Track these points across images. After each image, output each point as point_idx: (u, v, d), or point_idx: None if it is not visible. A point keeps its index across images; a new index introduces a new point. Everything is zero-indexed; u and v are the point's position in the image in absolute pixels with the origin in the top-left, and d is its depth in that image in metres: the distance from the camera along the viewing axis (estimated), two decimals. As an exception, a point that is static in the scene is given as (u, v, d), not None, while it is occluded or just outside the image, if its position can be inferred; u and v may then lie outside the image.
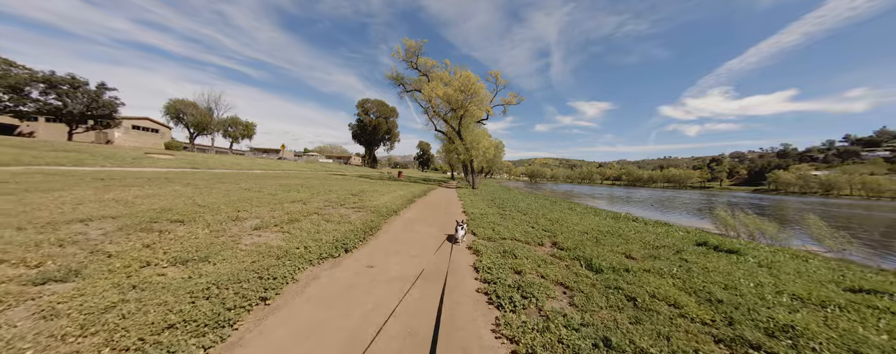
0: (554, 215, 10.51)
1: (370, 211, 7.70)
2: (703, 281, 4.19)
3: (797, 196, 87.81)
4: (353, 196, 10.90)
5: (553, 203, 18.34)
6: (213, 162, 24.69)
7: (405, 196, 12.77)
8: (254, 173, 21.09)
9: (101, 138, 50.42)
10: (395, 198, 11.22)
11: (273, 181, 15.03)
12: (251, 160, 38.25)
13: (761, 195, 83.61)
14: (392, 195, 12.60)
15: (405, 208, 9.81)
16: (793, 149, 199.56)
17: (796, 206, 35.14)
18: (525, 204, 14.15)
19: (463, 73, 25.61)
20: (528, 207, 12.79)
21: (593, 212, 13.71)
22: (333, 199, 9.42)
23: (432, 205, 11.19)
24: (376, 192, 13.23)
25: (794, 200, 54.02)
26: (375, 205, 8.76)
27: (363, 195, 11.53)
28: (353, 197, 10.32)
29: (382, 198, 10.74)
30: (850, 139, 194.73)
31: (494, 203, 14.06)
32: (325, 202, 8.73)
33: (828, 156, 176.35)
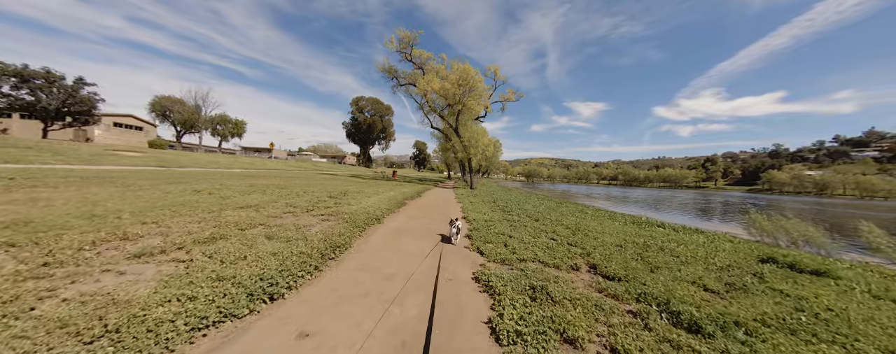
0: (570, 221, 8.81)
1: (343, 220, 5.92)
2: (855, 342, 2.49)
3: (791, 195, 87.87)
4: (330, 198, 9.09)
5: (559, 204, 16.69)
6: (186, 160, 22.57)
7: (394, 198, 10.99)
8: (230, 172, 19.08)
9: (81, 136, 47.67)
10: (381, 201, 9.43)
11: (243, 181, 13.09)
12: (234, 159, 36.04)
13: (756, 195, 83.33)
14: (379, 197, 10.81)
15: (392, 213, 8.04)
16: (784, 150, 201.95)
17: (795, 206, 34.13)
18: (532, 207, 12.46)
19: (460, 66, 23.87)
20: (536, 210, 11.09)
21: (609, 216, 12.06)
22: (302, 203, 7.59)
23: (426, 209, 9.44)
24: (361, 194, 11.42)
25: (790, 200, 53.38)
26: (353, 211, 6.96)
27: (343, 197, 9.71)
28: (330, 200, 8.51)
29: (366, 202, 8.95)
30: (840, 139, 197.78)
31: (497, 205, 12.34)
32: (287, 207, 6.90)
33: (819, 156, 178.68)
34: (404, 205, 9.52)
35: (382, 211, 7.58)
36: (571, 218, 9.45)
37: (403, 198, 10.89)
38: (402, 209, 8.87)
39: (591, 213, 12.59)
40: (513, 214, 9.49)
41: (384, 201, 9.40)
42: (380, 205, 8.33)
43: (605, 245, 5.86)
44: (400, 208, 8.77)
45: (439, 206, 10.17)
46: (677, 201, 36.45)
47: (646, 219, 11.13)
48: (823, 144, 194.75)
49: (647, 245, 6.23)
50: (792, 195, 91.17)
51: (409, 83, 26.40)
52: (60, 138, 42.51)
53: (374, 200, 9.39)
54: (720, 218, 19.18)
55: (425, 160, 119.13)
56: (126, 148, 23.74)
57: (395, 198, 10.58)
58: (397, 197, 11.02)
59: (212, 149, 70.95)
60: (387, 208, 8.14)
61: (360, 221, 5.94)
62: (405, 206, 9.42)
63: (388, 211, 7.92)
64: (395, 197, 10.88)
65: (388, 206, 8.48)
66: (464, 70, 23.80)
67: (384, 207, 8.16)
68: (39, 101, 37.58)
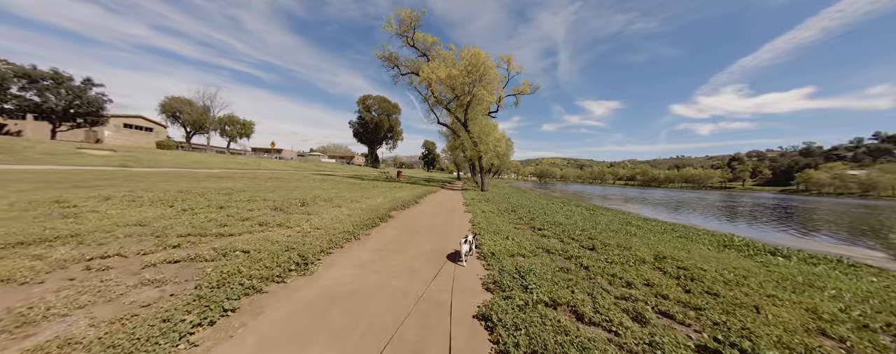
0: (641, 248, 5.66)
1: (278, 250, 3.01)
2: None
3: (832, 197, 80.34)
4: (300, 205, 6.27)
5: (593, 211, 13.38)
6: (167, 160, 20.35)
7: (383, 205, 8.10)
8: (207, 173, 16.62)
9: (91, 137, 47.53)
10: (363, 212, 6.57)
11: (209, 184, 10.45)
12: (228, 159, 34.10)
13: (793, 196, 76.44)
14: (366, 203, 7.97)
15: (371, 229, 5.21)
16: (817, 148, 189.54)
17: (856, 211, 29.25)
18: (565, 218, 9.30)
19: (470, 50, 20.78)
20: (574, 225, 7.96)
21: (678, 233, 8.75)
22: (240, 215, 4.78)
23: (414, 229, 6.49)
24: (343, 200, 8.59)
25: (836, 202, 47.63)
26: (305, 230, 4.15)
27: (315, 205, 6.88)
28: (297, 208, 5.69)
29: (327, 215, 6.06)
30: (881, 136, 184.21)
31: (518, 216, 9.27)
32: (198, 227, 4.07)
33: (857, 154, 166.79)
34: (385, 221, 6.46)
35: (357, 224, 4.74)
36: (637, 242, 6.26)
37: (390, 208, 7.91)
38: (379, 229, 5.76)
39: (648, 229, 9.31)
40: (548, 235, 6.36)
41: (367, 211, 6.47)
42: (358, 217, 5.45)
43: (777, 322, 2.70)
44: (373, 228, 5.69)
45: (441, 215, 7.04)
46: (722, 206, 32.20)
47: (742, 240, 7.76)
48: (862, 142, 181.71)
49: (820, 311, 3.03)
50: (833, 196, 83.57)
51: (411, 72, 23.46)
52: (70, 139, 41.92)
53: (355, 209, 6.46)
54: (803, 230, 14.97)
55: (434, 160, 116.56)
56: (99, 147, 21.77)
57: (380, 208, 7.64)
58: (383, 206, 8.08)
59: (221, 149, 70.35)
60: (365, 221, 5.25)
61: (304, 251, 3.02)
62: (386, 223, 6.33)
63: (364, 225, 5.02)
64: (380, 207, 7.93)
65: (369, 218, 5.57)
66: (474, 55, 20.72)
67: (363, 219, 5.30)
68: (46, 102, 36.94)
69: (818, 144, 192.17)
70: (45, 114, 37.98)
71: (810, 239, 11.88)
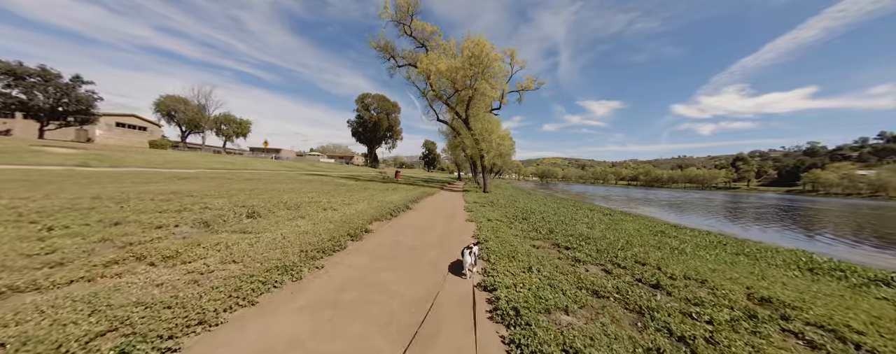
0: (707, 272, 3.96)
1: None
2: None
3: (840, 197, 78.34)
4: (245, 218, 4.58)
5: (609, 216, 11.65)
6: (139, 159, 18.63)
7: (363, 214, 6.41)
8: (179, 173, 14.91)
9: (82, 136, 46.12)
10: (332, 225, 4.90)
11: (160, 187, 8.74)
12: (213, 157, 32.45)
13: (801, 197, 74.46)
14: (344, 211, 6.31)
15: (331, 255, 3.56)
16: (822, 148, 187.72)
17: (890, 214, 27.39)
18: (587, 227, 7.58)
19: (473, 39, 19.05)
20: (597, 234, 6.25)
21: (742, 252, 7.03)
22: (128, 237, 3.08)
23: (411, 235, 4.78)
24: (316, 207, 6.90)
25: (850, 204, 45.74)
26: (199, 270, 2.46)
27: (268, 217, 5.20)
28: (235, 222, 4.09)
29: (289, 228, 4.35)
30: (886, 136, 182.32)
31: (529, 222, 7.56)
32: None
33: (863, 154, 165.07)
34: (358, 240, 4.66)
35: (247, 285, 2.71)
36: (702, 268, 4.53)
37: (371, 218, 6.15)
38: (342, 255, 3.87)
39: (691, 242, 7.59)
40: (582, 258, 4.64)
41: (319, 231, 4.70)
42: (279, 252, 3.61)
43: None
44: (335, 253, 3.87)
45: (428, 244, 5.13)
46: (738, 208, 30.42)
47: (827, 261, 5.98)
48: (866, 141, 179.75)
49: None
50: (841, 197, 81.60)
51: (409, 64, 21.72)
52: (60, 138, 40.34)
53: (295, 230, 4.70)
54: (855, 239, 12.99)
55: (435, 160, 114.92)
56: (59, 145, 20.07)
57: (357, 219, 5.91)
58: (364, 215, 6.36)
59: (218, 149, 68.79)
60: (287, 264, 3.26)
61: None
62: (358, 243, 4.54)
63: (274, 278, 2.98)
64: (358, 217, 6.19)
65: (305, 251, 3.66)
66: (477, 45, 18.98)
67: (287, 257, 3.42)
68: (33, 100, 35.48)
69: (822, 144, 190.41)
70: (32, 113, 36.53)
71: (886, 253, 10.09)
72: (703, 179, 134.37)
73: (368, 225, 5.57)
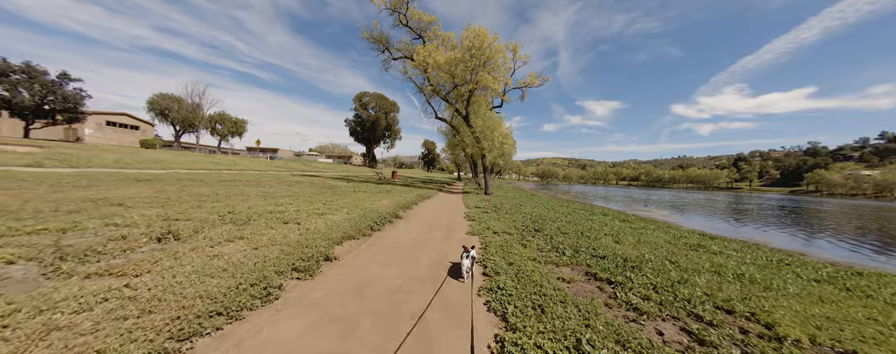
0: (807, 311, 2.51)
1: None
2: None
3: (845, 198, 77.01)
4: (155, 240, 3.06)
5: (628, 223, 10.19)
6: (107, 159, 17.07)
7: (336, 228, 4.92)
8: (144, 174, 13.36)
9: (71, 135, 44.65)
10: (280, 253, 3.45)
11: (97, 193, 7.21)
12: (199, 157, 30.88)
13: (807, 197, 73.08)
14: (309, 226, 4.86)
15: (240, 317, 2.02)
16: (823, 148, 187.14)
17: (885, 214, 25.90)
18: (613, 240, 6.09)
19: (474, 29, 17.56)
20: (633, 252, 4.78)
21: (823, 278, 5.56)
22: None
23: (391, 265, 3.33)
24: (275, 220, 5.42)
25: (861, 205, 44.36)
26: None
27: (191, 239, 3.73)
28: (127, 250, 2.46)
29: (205, 264, 2.88)
30: (888, 136, 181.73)
31: (545, 234, 6.08)
32: None
33: (864, 154, 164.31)
34: (309, 278, 3.15)
35: None
36: (820, 314, 3.06)
37: (343, 236, 4.59)
38: (262, 315, 2.33)
39: (745, 260, 6.12)
40: (638, 305, 3.16)
41: (249, 265, 3.19)
42: (135, 327, 2.13)
43: None
44: (251, 312, 2.31)
45: (417, 277, 3.73)
46: (752, 210, 28.96)
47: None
48: (867, 142, 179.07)
49: None
50: (845, 197, 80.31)
51: (404, 56, 20.19)
52: (47, 137, 38.74)
53: (213, 267, 3.19)
54: None
55: (434, 160, 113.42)
56: (18, 143, 18.48)
57: (321, 239, 4.40)
58: (337, 230, 4.87)
59: (213, 149, 67.21)
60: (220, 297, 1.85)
61: None
62: (307, 283, 3.06)
63: None
64: (325, 235, 4.67)
65: (181, 324, 2.27)
66: (478, 35, 17.49)
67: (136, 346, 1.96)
68: (16, 97, 33.97)
69: (823, 144, 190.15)
70: (17, 111, 35.00)
71: None
72: (704, 179, 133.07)
73: (335, 247, 4.08)
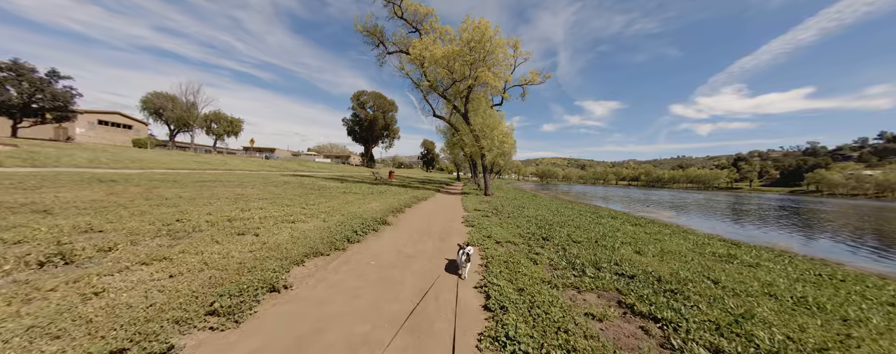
0: None
1: None
2: None
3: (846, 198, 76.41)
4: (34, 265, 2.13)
5: (641, 226, 9.29)
6: (79, 158, 16.05)
7: (301, 240, 3.99)
8: (116, 176, 12.35)
9: (61, 134, 43.53)
10: (183, 292, 2.47)
11: (36, 196, 6.24)
12: (183, 156, 29.84)
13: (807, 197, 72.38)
14: (267, 241, 3.93)
15: None
16: (822, 148, 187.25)
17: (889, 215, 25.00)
18: (632, 249, 5.16)
19: (474, 22, 16.62)
20: (658, 266, 3.86)
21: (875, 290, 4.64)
22: None
23: (354, 302, 2.41)
24: (221, 233, 4.46)
25: (856, 204, 43.63)
26: None
27: (59, 269, 2.74)
28: None
29: (45, 313, 1.95)
30: (886, 136, 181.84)
31: (555, 244, 5.15)
32: None
33: (863, 154, 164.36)
34: (228, 323, 2.18)
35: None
36: None
37: (305, 253, 3.60)
38: None
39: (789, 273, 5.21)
40: (697, 351, 2.24)
41: (155, 305, 2.28)
42: None
43: None
44: None
45: (393, 316, 2.85)
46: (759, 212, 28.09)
47: None
48: (866, 142, 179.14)
49: None
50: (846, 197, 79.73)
51: (400, 50, 19.22)
52: (37, 136, 37.59)
53: (75, 313, 2.25)
54: None
55: (433, 160, 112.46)
56: None
57: (281, 254, 3.46)
58: (300, 244, 3.92)
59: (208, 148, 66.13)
60: None
61: None
62: (225, 332, 2.12)
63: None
64: (289, 248, 3.71)
65: None
66: (478, 28, 16.54)
67: None
68: (3, 95, 32.97)
69: (822, 144, 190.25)
70: (4, 109, 33.98)
71: None
72: (704, 179, 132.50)
73: (293, 269, 3.12)
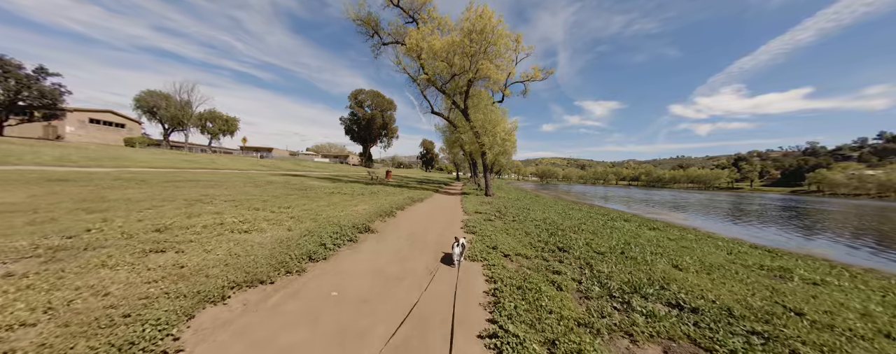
0: None
1: None
2: None
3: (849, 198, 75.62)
4: None
5: (659, 231, 8.25)
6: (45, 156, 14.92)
7: (185, 280, 2.92)
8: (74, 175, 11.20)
9: (50, 132, 42.27)
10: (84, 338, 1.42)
11: None
12: (172, 155, 28.67)
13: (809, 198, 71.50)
14: (191, 257, 2.84)
15: None
16: (822, 148, 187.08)
17: None
18: (674, 268, 4.12)
19: (476, 9, 15.52)
20: (709, 287, 2.83)
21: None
22: None
23: None
24: (130, 253, 3.41)
25: (861, 204, 42.75)
26: None
27: None
28: None
29: None
30: (886, 136, 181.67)
31: (572, 255, 4.09)
32: None
33: (863, 154, 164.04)
34: None
35: None
36: None
37: (232, 282, 2.57)
38: None
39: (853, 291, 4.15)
40: None
41: None
42: None
43: None
44: None
45: None
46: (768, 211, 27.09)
47: None
48: (866, 142, 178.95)
49: None
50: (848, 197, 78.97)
51: (395, 41, 18.12)
52: (28, 135, 36.29)
53: None
54: None
55: (433, 160, 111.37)
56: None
57: (192, 290, 2.40)
58: (234, 270, 2.88)
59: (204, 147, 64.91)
60: None
61: None
62: None
63: None
64: (209, 276, 2.66)
65: None
66: (481, 16, 15.42)
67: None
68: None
69: (822, 144, 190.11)
70: (-12, 106, 32.84)
71: None
72: (705, 179, 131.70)
73: (199, 312, 2.03)
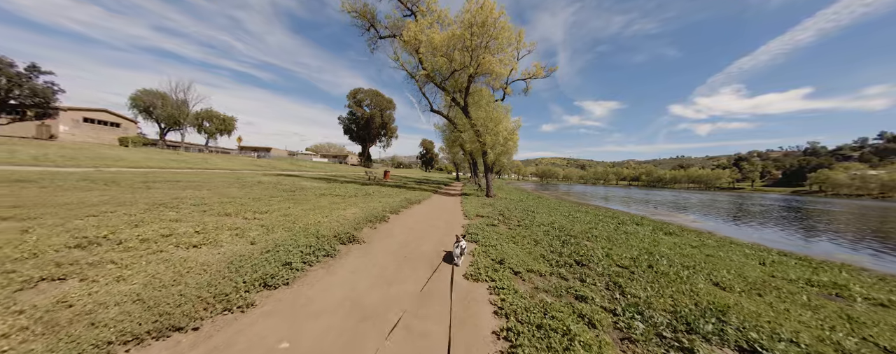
0: None
1: None
2: None
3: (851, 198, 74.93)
4: None
5: (679, 236, 7.45)
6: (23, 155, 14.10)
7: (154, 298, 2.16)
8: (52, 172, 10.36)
9: (44, 132, 41.38)
10: None
11: None
12: (162, 154, 27.86)
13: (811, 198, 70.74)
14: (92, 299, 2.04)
15: None
16: (822, 148, 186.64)
17: None
18: (714, 286, 3.34)
19: (477, 1, 14.70)
20: (788, 325, 2.05)
21: None
22: None
23: None
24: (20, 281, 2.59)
25: (865, 204, 42.06)
26: None
27: None
28: None
29: None
30: (886, 136, 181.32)
31: (591, 270, 3.29)
32: None
33: (864, 154, 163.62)
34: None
35: None
36: None
37: (117, 338, 1.86)
38: None
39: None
40: None
41: None
42: None
43: None
44: None
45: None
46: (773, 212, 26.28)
47: None
48: (866, 141, 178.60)
49: None
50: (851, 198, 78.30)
51: (392, 34, 17.31)
52: (21, 134, 35.43)
53: None
54: None
55: (433, 160, 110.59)
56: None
57: None
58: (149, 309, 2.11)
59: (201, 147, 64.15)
60: None
61: None
62: None
63: None
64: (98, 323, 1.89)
65: None
66: (483, 7, 14.60)
67: None
68: None
69: (822, 144, 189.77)
70: (-22, 105, 32.03)
71: None
72: (706, 180, 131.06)
73: None
